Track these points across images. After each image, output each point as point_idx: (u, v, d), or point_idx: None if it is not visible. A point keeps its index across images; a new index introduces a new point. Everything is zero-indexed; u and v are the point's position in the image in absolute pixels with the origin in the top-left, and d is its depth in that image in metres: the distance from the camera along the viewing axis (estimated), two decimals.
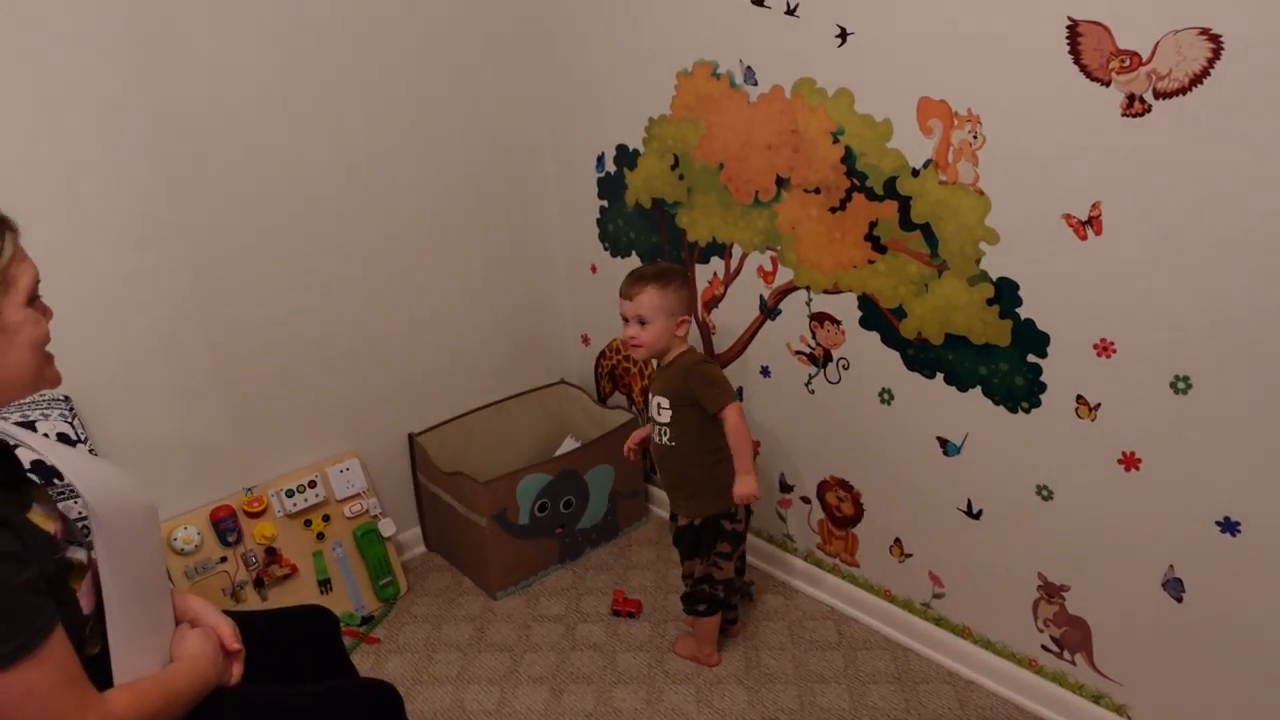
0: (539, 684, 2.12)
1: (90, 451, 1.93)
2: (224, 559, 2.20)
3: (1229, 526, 1.55)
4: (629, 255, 2.57)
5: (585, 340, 2.88)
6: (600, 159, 2.55)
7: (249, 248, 2.18)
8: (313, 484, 2.33)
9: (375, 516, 2.43)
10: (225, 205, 2.11)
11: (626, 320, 1.98)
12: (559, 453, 2.76)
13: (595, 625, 2.31)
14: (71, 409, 1.91)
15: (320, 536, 2.35)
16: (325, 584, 2.34)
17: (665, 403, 1.97)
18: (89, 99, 1.87)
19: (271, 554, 2.26)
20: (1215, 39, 1.35)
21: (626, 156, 2.45)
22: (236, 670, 1.36)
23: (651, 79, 2.28)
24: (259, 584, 2.24)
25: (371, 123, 2.31)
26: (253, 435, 2.28)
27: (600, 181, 2.58)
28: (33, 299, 1.16)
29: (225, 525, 2.20)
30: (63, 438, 1.85)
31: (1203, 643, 1.64)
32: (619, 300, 2.00)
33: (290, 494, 2.29)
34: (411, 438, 2.57)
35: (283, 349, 2.29)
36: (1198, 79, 1.39)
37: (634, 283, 1.97)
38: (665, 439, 1.99)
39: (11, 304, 1.12)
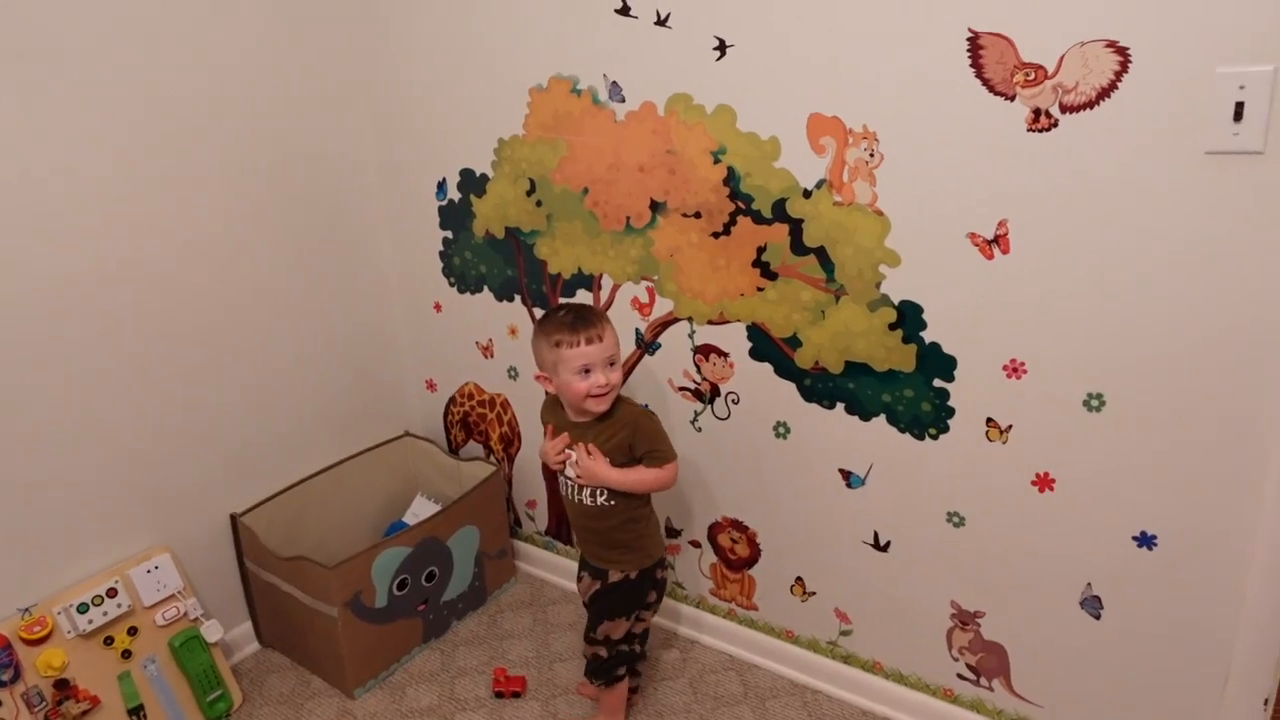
0: None
1: None
2: None
3: (1145, 541, 1.54)
4: (480, 290, 2.32)
5: (431, 386, 2.58)
6: (442, 185, 2.28)
7: (12, 308, 1.74)
8: (112, 592, 1.90)
9: (196, 620, 2.02)
10: None
11: (589, 370, 1.67)
12: (410, 513, 2.46)
13: (475, 713, 2.03)
14: None
15: (126, 655, 1.91)
16: (138, 712, 1.91)
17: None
18: None
19: (63, 687, 1.81)
20: (1122, 51, 1.32)
21: (473, 182, 2.20)
22: None
23: (500, 96, 2.05)
24: None
25: (162, 156, 1.93)
26: (25, 541, 1.82)
27: (442, 210, 2.31)
28: None
29: None
30: None
31: (1122, 658, 1.63)
32: (572, 349, 1.66)
33: (83, 609, 1.85)
34: (234, 519, 2.17)
35: (62, 429, 1.85)
36: (1105, 92, 1.36)
37: (594, 322, 1.68)
38: (601, 498, 1.76)
39: None
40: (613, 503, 1.77)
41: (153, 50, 1.88)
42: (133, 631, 1.93)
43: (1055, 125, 1.41)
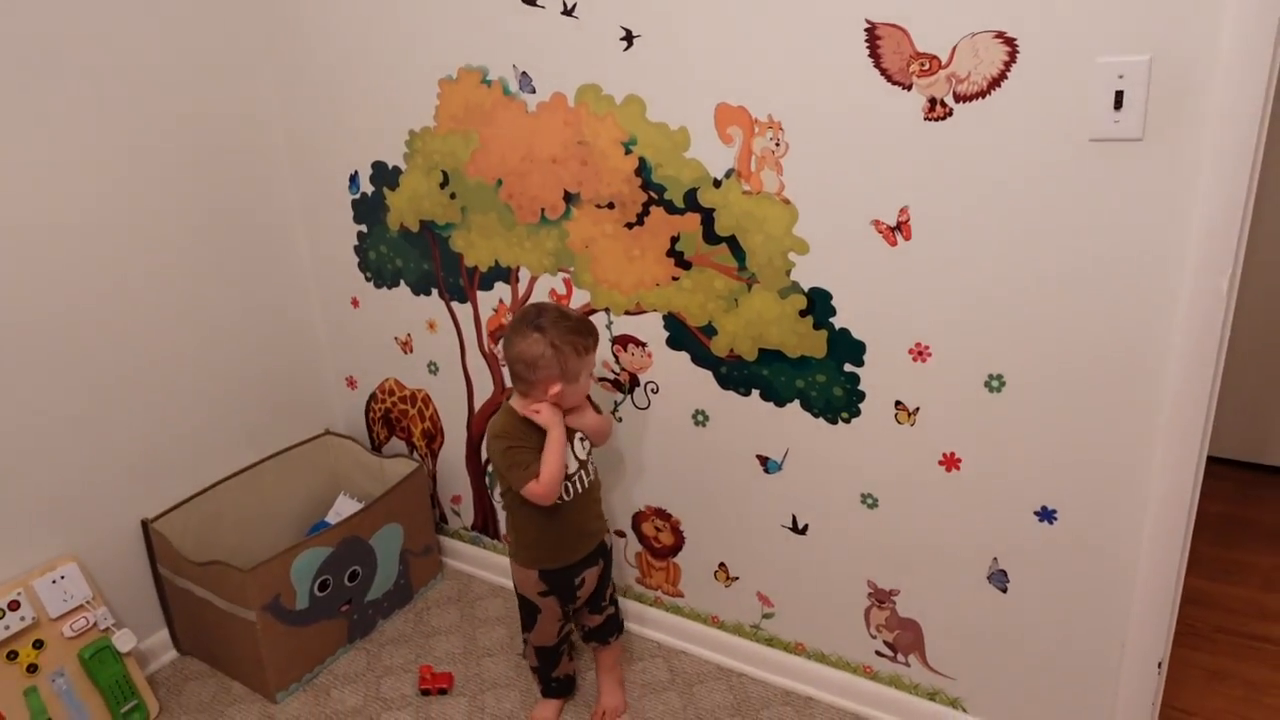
0: None
1: None
2: None
3: (1046, 515, 1.60)
4: (396, 285, 2.28)
5: (351, 383, 2.54)
6: (354, 178, 2.23)
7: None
8: (14, 605, 1.83)
9: (107, 630, 1.96)
10: None
11: (577, 376, 1.72)
12: (333, 513, 2.42)
13: (401, 712, 2.02)
14: None
15: (32, 669, 1.85)
16: None
17: (588, 443, 1.82)
18: None
19: None
20: (1010, 42, 1.36)
21: (386, 175, 2.16)
22: None
23: (410, 87, 2.02)
24: None
25: (59, 118, 1.86)
26: None
27: (355, 204, 2.27)
28: None
29: None
30: None
31: (1028, 628, 1.69)
32: (592, 354, 1.72)
33: None
34: (145, 525, 2.11)
35: None
36: (995, 82, 1.39)
37: (590, 331, 1.74)
38: (591, 474, 1.83)
39: None
40: (595, 475, 1.85)
41: (63, 43, 1.81)
42: (38, 644, 1.87)
43: (950, 114, 1.44)
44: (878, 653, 1.90)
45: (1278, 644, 2.07)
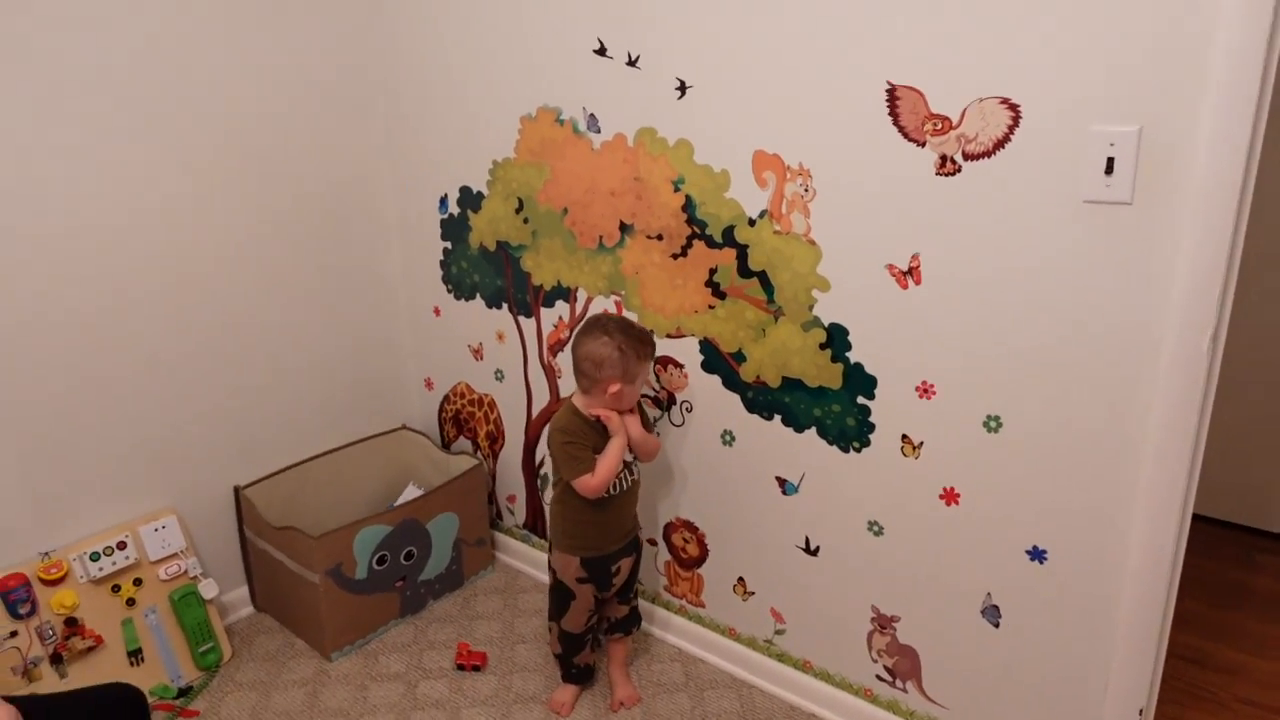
0: None
1: None
2: (14, 633, 1.97)
3: (1037, 555, 1.67)
4: (473, 298, 2.53)
5: (429, 385, 2.80)
6: (443, 200, 2.50)
7: (52, 280, 1.99)
8: (122, 545, 2.13)
9: (195, 578, 2.25)
10: (22, 237, 1.93)
11: (635, 379, 1.92)
12: (400, 501, 2.66)
13: (438, 681, 2.22)
14: None
15: (130, 603, 2.14)
16: (136, 655, 2.14)
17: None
18: None
19: (72, 625, 2.04)
20: (1014, 108, 1.48)
21: (470, 198, 2.42)
22: None
23: (495, 122, 2.27)
24: (56, 660, 2.02)
25: (196, 160, 2.18)
26: (50, 495, 2.07)
27: (444, 223, 2.53)
28: None
29: (16, 595, 1.97)
30: None
31: (1018, 664, 1.75)
32: (638, 363, 1.90)
33: (95, 557, 2.08)
34: (238, 491, 2.40)
35: (87, 395, 2.09)
36: (1000, 143, 1.51)
37: (649, 340, 1.96)
38: (636, 475, 2.03)
39: None
40: (638, 476, 2.04)
41: (190, 87, 2.14)
42: (138, 582, 2.16)
43: (959, 171, 1.57)
44: (878, 676, 1.98)
45: None
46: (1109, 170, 1.42)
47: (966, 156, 1.55)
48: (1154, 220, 1.40)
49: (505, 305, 2.45)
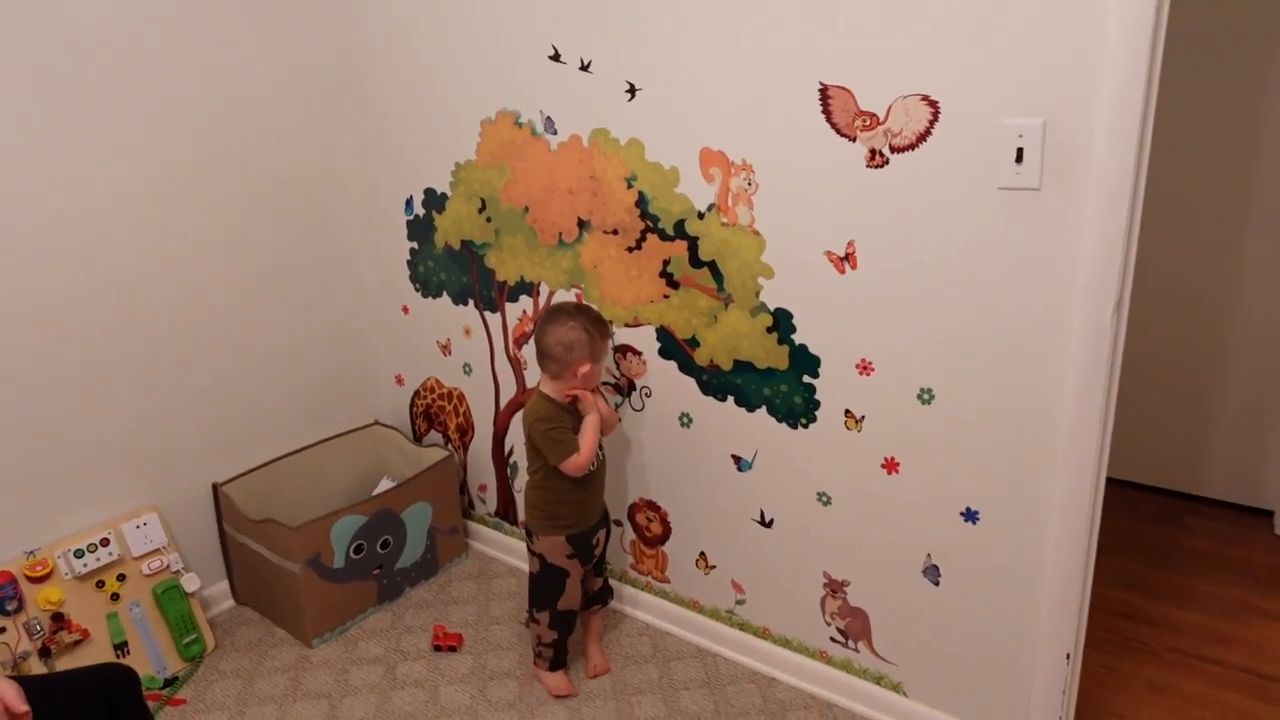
0: None
1: None
2: (2, 629, 2.04)
3: (970, 516, 1.81)
4: (440, 296, 2.63)
5: (399, 381, 2.89)
6: (409, 202, 2.60)
7: (23, 281, 2.06)
8: (105, 542, 2.21)
9: (177, 572, 2.33)
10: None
11: (600, 359, 2.06)
12: (375, 493, 2.74)
13: (416, 663, 2.32)
14: None
15: (115, 597, 2.22)
16: (122, 647, 2.21)
17: None
18: None
19: (59, 620, 2.12)
20: (934, 104, 1.62)
21: (435, 199, 2.52)
22: None
23: (457, 126, 2.38)
24: (45, 653, 2.09)
25: (167, 160, 2.26)
26: (33, 493, 2.14)
27: (410, 224, 2.63)
28: None
29: (4, 593, 2.04)
30: None
31: (957, 618, 1.89)
32: (602, 343, 2.04)
33: (79, 554, 2.16)
34: (216, 488, 2.48)
35: (65, 396, 2.17)
36: (923, 137, 1.65)
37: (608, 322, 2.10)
38: (603, 453, 2.14)
39: None
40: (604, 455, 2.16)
41: (159, 87, 2.22)
42: (121, 578, 2.24)
43: (887, 163, 1.70)
44: (832, 639, 2.12)
45: (1219, 664, 2.19)
46: (1019, 159, 1.55)
47: (893, 149, 1.69)
48: (1060, 204, 1.54)
49: (471, 301, 2.55)
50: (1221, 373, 2.80)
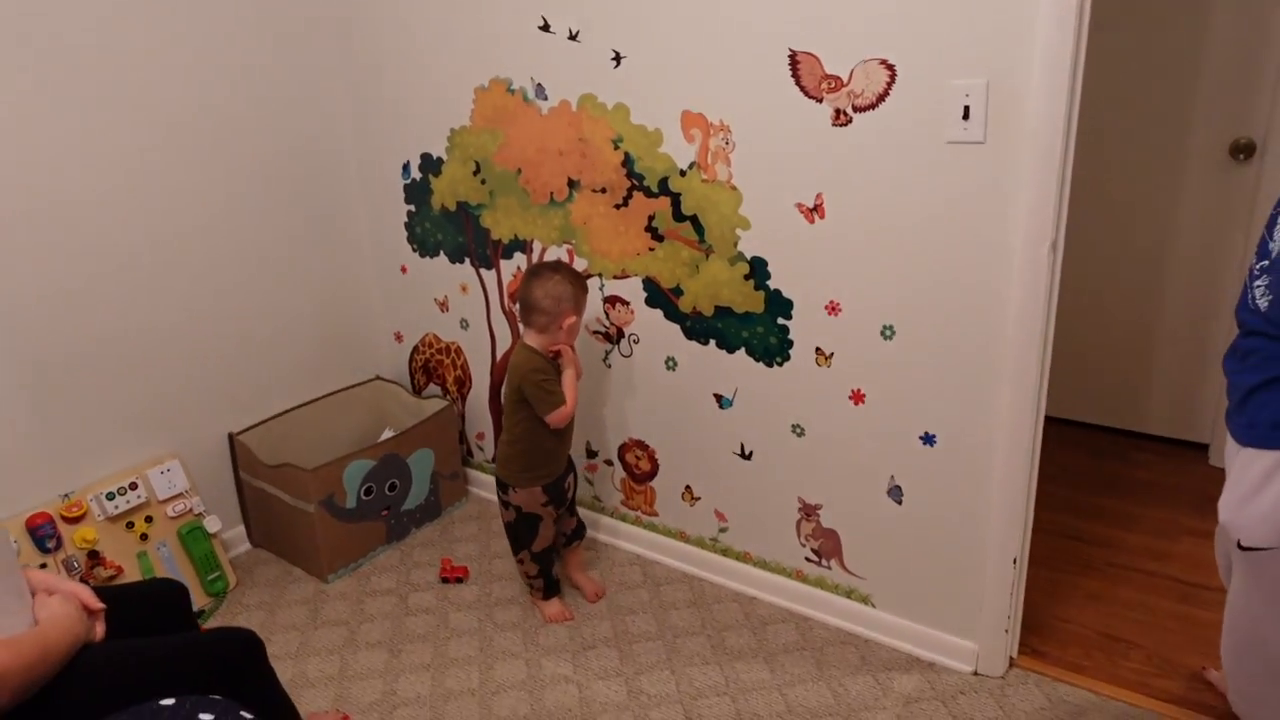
0: (377, 648, 2.30)
1: None
2: (43, 565, 2.21)
3: (928, 439, 2.02)
4: (436, 255, 2.80)
5: (398, 337, 3.06)
6: (406, 166, 2.76)
7: (51, 249, 2.21)
8: (134, 486, 2.37)
9: (199, 515, 2.50)
10: (18, 195, 2.14)
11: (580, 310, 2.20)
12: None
13: (426, 593, 2.51)
14: None
15: (144, 537, 2.39)
16: None
17: None
18: None
19: (94, 557, 2.28)
20: (891, 68, 1.80)
21: (431, 164, 2.68)
22: (100, 628, 1.48)
23: (452, 93, 2.53)
24: None
25: (172, 120, 2.40)
26: (67, 441, 2.30)
27: (407, 188, 2.79)
28: None
29: (43, 532, 2.21)
30: None
31: (918, 533, 2.11)
32: (581, 297, 2.19)
33: (110, 497, 2.32)
34: (232, 437, 2.65)
35: (93, 355, 2.32)
36: (882, 97, 1.83)
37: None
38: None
39: None
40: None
41: (165, 58, 2.36)
42: (149, 519, 2.41)
43: (851, 122, 1.89)
44: (807, 559, 2.33)
45: (1152, 574, 2.44)
46: (965, 116, 1.75)
47: (855, 109, 1.87)
48: (1002, 154, 1.74)
49: (467, 260, 2.72)
50: (1160, 316, 3.03)
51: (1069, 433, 3.21)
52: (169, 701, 1.27)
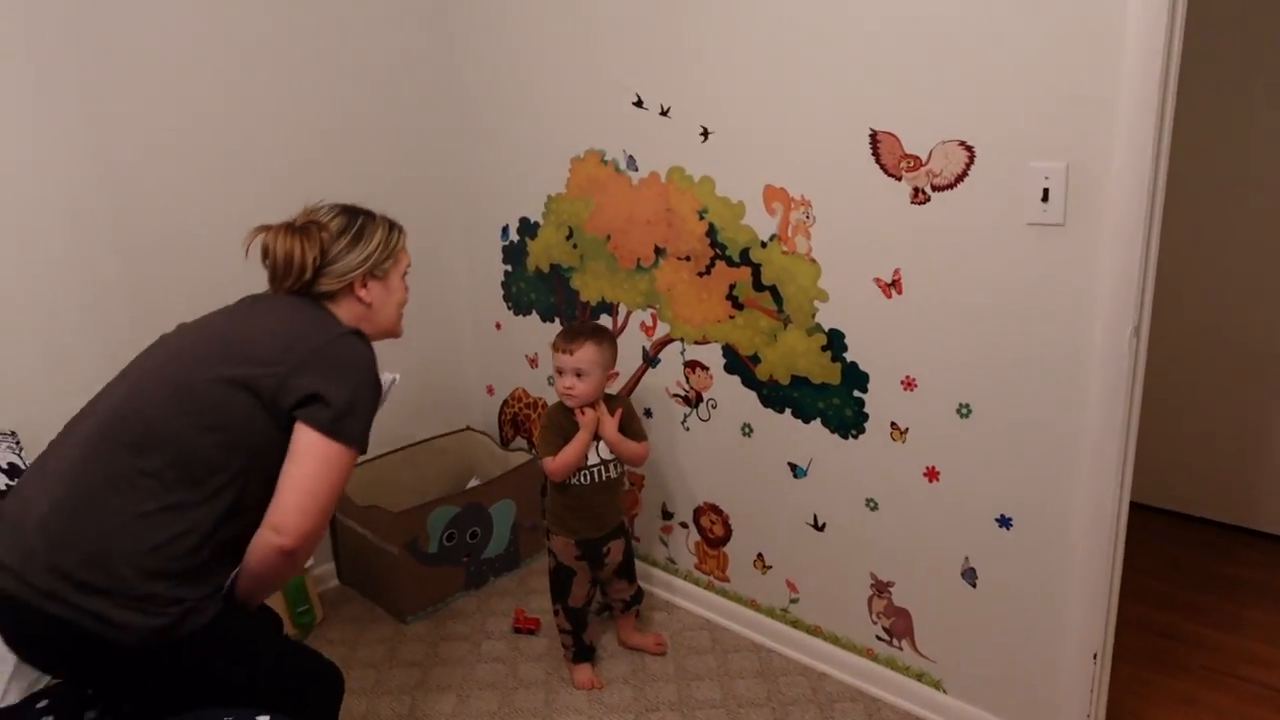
0: (447, 691, 2.36)
1: None
2: None
3: (1004, 522, 1.97)
4: (529, 314, 2.92)
5: (490, 390, 3.19)
6: (505, 229, 2.91)
7: (182, 279, 2.43)
8: None
9: None
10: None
11: (562, 372, 2.23)
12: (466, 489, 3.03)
13: (498, 641, 2.57)
14: (18, 442, 2.10)
15: None
16: None
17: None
18: None
19: None
20: (969, 149, 1.82)
21: (529, 228, 2.82)
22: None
23: (549, 163, 2.67)
24: None
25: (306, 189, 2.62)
26: None
27: (505, 249, 2.94)
28: (404, 275, 1.82)
29: None
30: (13, 468, 2.04)
31: (993, 618, 2.05)
32: (556, 354, 2.23)
33: None
34: None
35: None
36: (960, 177, 1.85)
37: (572, 338, 2.22)
38: (612, 473, 2.31)
39: (396, 274, 1.81)
40: (619, 474, 2.35)
41: (295, 122, 2.59)
42: None
43: (929, 200, 1.91)
44: (878, 637, 2.28)
45: (1252, 681, 2.27)
46: (1045, 198, 1.75)
47: (934, 188, 1.89)
48: (1082, 237, 1.72)
49: (557, 319, 2.83)
50: (1270, 405, 2.87)
51: (1172, 525, 3.05)
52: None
